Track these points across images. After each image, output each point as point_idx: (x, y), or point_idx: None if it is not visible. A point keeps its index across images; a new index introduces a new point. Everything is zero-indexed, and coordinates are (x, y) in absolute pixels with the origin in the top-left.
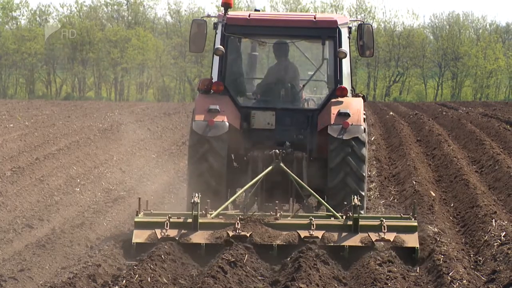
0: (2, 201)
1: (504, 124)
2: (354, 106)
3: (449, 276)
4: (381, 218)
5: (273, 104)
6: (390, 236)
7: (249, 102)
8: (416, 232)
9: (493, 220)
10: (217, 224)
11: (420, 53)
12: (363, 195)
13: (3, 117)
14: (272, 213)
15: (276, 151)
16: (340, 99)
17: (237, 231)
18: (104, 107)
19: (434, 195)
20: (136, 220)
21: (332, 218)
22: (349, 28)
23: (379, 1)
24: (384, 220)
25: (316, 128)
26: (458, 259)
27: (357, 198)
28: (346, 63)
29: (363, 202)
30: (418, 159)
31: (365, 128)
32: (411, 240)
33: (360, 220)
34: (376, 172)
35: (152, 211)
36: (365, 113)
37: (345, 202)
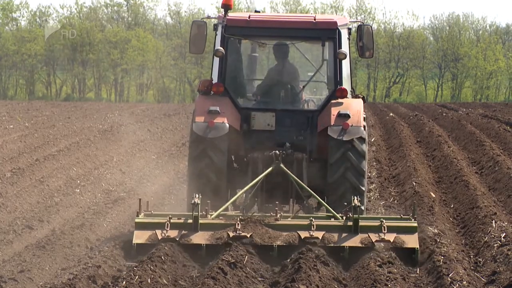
0: (2, 202)
1: (504, 125)
2: (354, 107)
3: (449, 277)
4: (381, 219)
5: (273, 105)
6: (390, 237)
7: (249, 104)
8: (416, 233)
9: (493, 221)
10: (217, 225)
11: (420, 54)
12: (363, 190)
13: (3, 118)
14: (272, 214)
15: (276, 152)
16: (340, 100)
17: (237, 231)
18: (104, 108)
19: (434, 196)
20: (137, 221)
21: (332, 219)
22: (349, 29)
23: (379, 2)
24: (384, 220)
25: (316, 129)
26: (458, 260)
27: (357, 199)
28: (346, 64)
29: (363, 197)
30: (418, 160)
31: (365, 129)
32: (411, 241)
33: (360, 220)
34: (376, 173)
35: (153, 212)
36: (365, 114)
37: (345, 203)
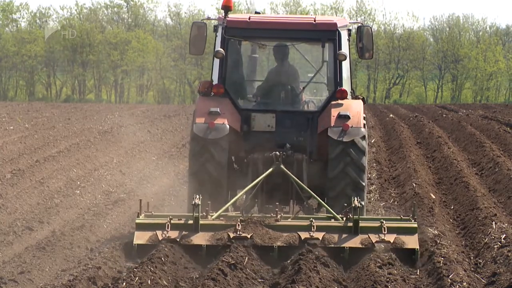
0: (2, 203)
1: (504, 127)
2: (354, 108)
3: (449, 279)
4: (381, 220)
5: (273, 107)
6: (390, 238)
7: (250, 105)
8: (416, 234)
9: (493, 222)
10: (218, 225)
11: (420, 56)
12: (364, 186)
13: (3, 120)
14: (273, 214)
15: (277, 153)
16: (340, 101)
17: (237, 232)
18: (104, 110)
19: (434, 197)
20: (137, 221)
21: (333, 220)
22: (349, 30)
23: (379, 4)
24: (384, 221)
25: (316, 130)
26: (458, 262)
27: (357, 200)
28: (346, 66)
29: (363, 194)
30: (418, 162)
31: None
32: (411, 242)
33: (360, 221)
34: (376, 175)
35: (153, 213)
36: (365, 116)
37: (345, 201)
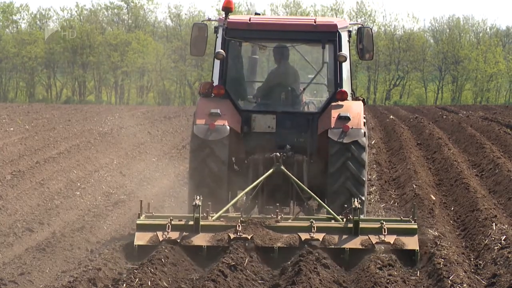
0: (3, 205)
1: (504, 128)
2: (354, 109)
3: (450, 280)
4: (381, 221)
5: (273, 108)
6: (390, 239)
7: (250, 106)
8: (416, 235)
9: (494, 223)
10: (218, 226)
11: (420, 57)
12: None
13: (3, 121)
14: (273, 215)
15: (277, 154)
16: (340, 102)
17: (238, 233)
18: (104, 111)
19: (434, 198)
20: (138, 222)
21: (333, 221)
22: (349, 31)
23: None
24: (384, 222)
25: (317, 132)
26: (458, 263)
27: (357, 201)
28: (346, 67)
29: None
30: (419, 163)
31: (365, 132)
32: (411, 243)
33: (360, 222)
34: (376, 176)
35: (154, 213)
36: (365, 117)
37: (346, 205)
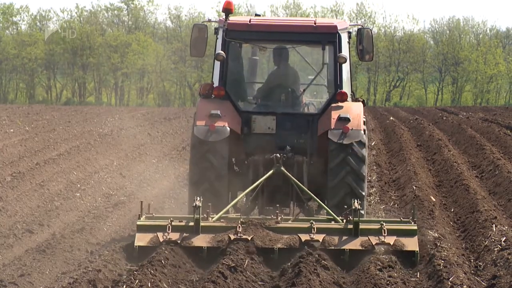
0: (2, 206)
1: (504, 129)
2: (354, 110)
3: (449, 281)
4: (381, 222)
5: (273, 109)
6: (390, 240)
7: (250, 107)
8: (416, 236)
9: (494, 225)
10: (218, 227)
11: (420, 58)
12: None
13: (3, 122)
14: (273, 216)
15: (277, 155)
16: (340, 103)
17: (238, 234)
18: (104, 112)
19: (434, 200)
20: (139, 223)
21: (333, 222)
22: (349, 33)
23: (379, 6)
24: (384, 223)
25: (317, 133)
26: (458, 264)
27: (357, 202)
28: (346, 68)
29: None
30: (419, 164)
31: (365, 130)
32: (411, 244)
33: (360, 223)
34: (376, 177)
35: (154, 214)
36: (365, 118)
37: (345, 206)
